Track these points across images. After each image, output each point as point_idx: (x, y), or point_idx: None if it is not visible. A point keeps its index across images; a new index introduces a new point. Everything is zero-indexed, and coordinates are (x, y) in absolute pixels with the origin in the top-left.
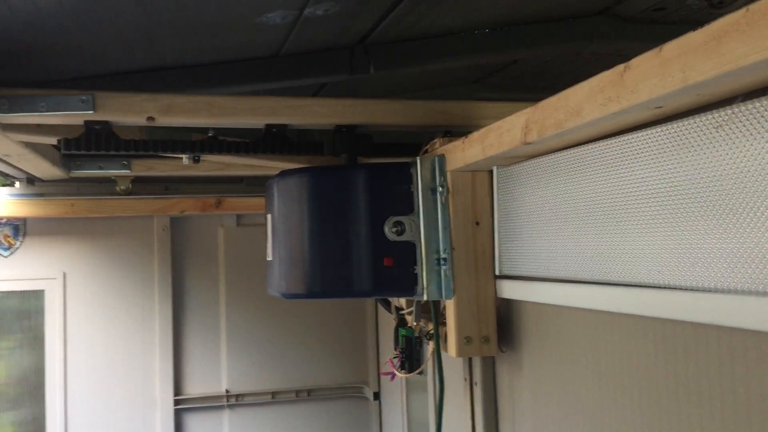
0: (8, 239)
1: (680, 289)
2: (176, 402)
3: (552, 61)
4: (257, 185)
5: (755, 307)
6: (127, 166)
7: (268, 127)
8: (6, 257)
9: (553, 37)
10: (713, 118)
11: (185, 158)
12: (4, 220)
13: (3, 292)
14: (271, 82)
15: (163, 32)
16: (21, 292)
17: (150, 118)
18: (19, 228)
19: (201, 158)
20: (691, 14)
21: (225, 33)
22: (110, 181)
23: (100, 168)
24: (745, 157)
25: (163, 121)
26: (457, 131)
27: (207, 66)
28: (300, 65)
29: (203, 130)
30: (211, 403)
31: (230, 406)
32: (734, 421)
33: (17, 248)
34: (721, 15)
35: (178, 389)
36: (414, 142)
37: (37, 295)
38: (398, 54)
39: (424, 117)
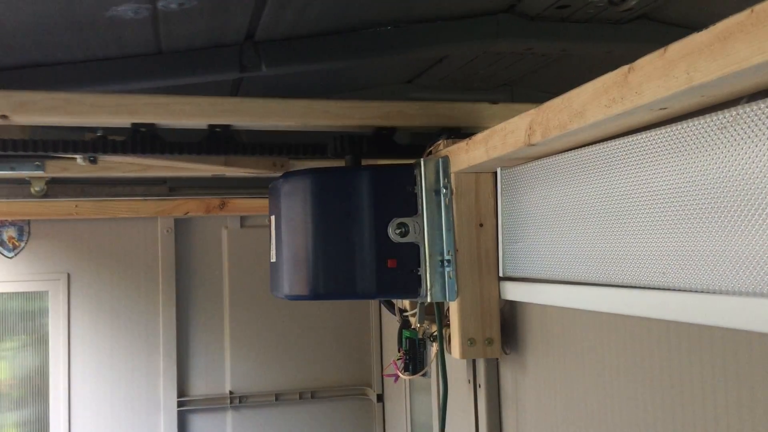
0: (13, 240)
1: (685, 291)
2: (180, 403)
3: (479, 60)
4: (261, 187)
5: (761, 309)
6: (41, 167)
7: (135, 126)
8: (10, 258)
9: (456, 35)
10: (718, 119)
11: (79, 159)
12: (8, 222)
13: (7, 293)
14: (153, 80)
15: (27, 29)
16: (25, 293)
17: (3, 117)
18: (23, 229)
19: (99, 159)
20: (597, 12)
21: (89, 29)
22: (114, 183)
23: (12, 169)
24: (749, 158)
25: (19, 119)
26: (348, 131)
27: (76, 64)
28: (183, 63)
29: (108, 130)
30: (214, 404)
31: (234, 407)
32: (740, 423)
33: (21, 249)
34: (622, 13)
35: (181, 390)
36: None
37: (41, 296)
38: (291, 52)
39: (305, 116)
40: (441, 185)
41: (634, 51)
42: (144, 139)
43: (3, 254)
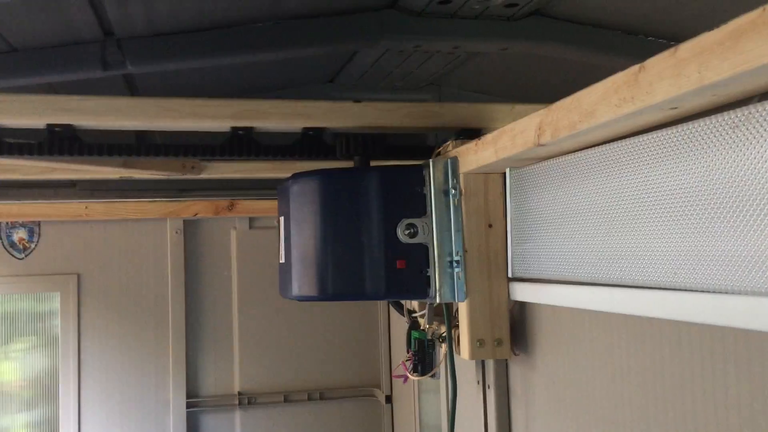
0: (23, 242)
1: (696, 291)
2: (189, 403)
3: (387, 58)
4: (270, 188)
5: None
6: None
7: None
8: (21, 259)
9: (336, 31)
10: (729, 118)
11: None
12: (19, 223)
13: (18, 294)
14: (6, 79)
15: None
16: (35, 294)
17: None
18: (34, 230)
19: None
20: (483, 9)
21: None
22: (123, 184)
23: None
24: (762, 157)
25: None
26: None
27: None
28: (40, 60)
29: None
30: (223, 405)
31: (242, 408)
32: (752, 424)
33: (32, 251)
34: (506, 8)
35: (190, 390)
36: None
37: (52, 297)
38: (156, 49)
39: (158, 115)
40: (450, 186)
41: (530, 48)
42: None
43: (14, 255)
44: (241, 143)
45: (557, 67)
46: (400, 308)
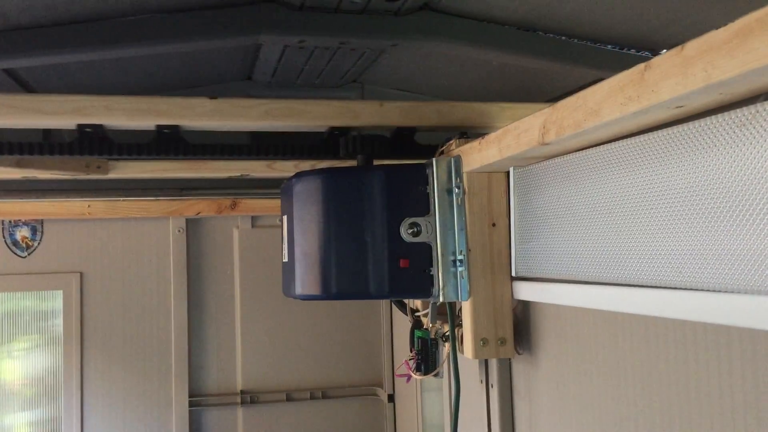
0: (26, 240)
1: (700, 290)
2: (191, 402)
3: (290, 55)
4: (273, 187)
5: None
6: None
7: None
8: (24, 258)
9: (213, 26)
10: (736, 116)
11: None
12: (21, 221)
13: (20, 292)
14: None
15: None
16: (38, 292)
17: None
18: (36, 229)
19: None
20: (366, 3)
21: None
22: (126, 183)
23: None
24: None
25: None
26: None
27: None
28: None
29: None
30: (226, 403)
31: (245, 406)
32: (758, 424)
33: (35, 249)
34: (387, 2)
35: (193, 389)
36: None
37: (54, 296)
38: (25, 42)
39: (57, 113)
40: (453, 185)
41: (420, 44)
42: None
43: (16, 254)
44: (92, 141)
45: (476, 66)
46: (403, 307)
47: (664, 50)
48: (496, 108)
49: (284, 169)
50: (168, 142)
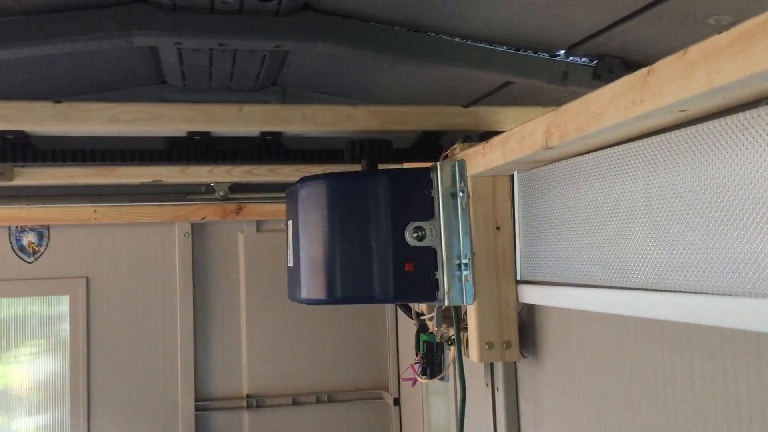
0: (32, 245)
1: (705, 293)
2: (198, 406)
3: (188, 57)
4: (278, 192)
5: None
6: None
7: None
8: (30, 263)
9: (81, 26)
10: (738, 120)
11: None
12: (28, 227)
13: (27, 297)
14: None
15: None
16: (45, 297)
17: None
18: (43, 234)
19: None
20: (239, 3)
21: None
22: (132, 188)
23: None
24: None
25: None
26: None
27: None
28: None
29: None
30: (231, 407)
31: (251, 410)
32: (764, 427)
33: (41, 254)
34: (263, 2)
35: (199, 393)
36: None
37: (61, 301)
38: None
39: None
40: (457, 189)
41: (304, 46)
42: None
43: (23, 259)
44: None
45: (392, 69)
46: (408, 311)
47: (562, 51)
48: (323, 110)
49: (199, 174)
50: (14, 148)
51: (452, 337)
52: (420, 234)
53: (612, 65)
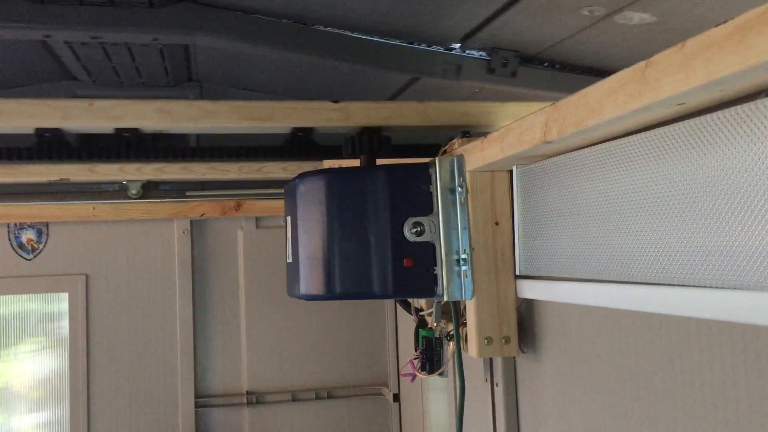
0: (32, 242)
1: (705, 287)
2: (197, 402)
3: (83, 52)
4: (276, 188)
5: None
6: None
7: None
8: (29, 260)
9: None
10: (737, 113)
11: None
12: (27, 224)
13: (26, 294)
14: None
15: None
16: (44, 294)
17: None
18: (42, 231)
19: None
20: None
21: None
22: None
23: None
24: None
25: None
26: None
27: None
28: None
29: None
30: (231, 403)
31: (251, 406)
32: (763, 420)
33: (41, 251)
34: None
35: (199, 389)
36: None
37: (60, 298)
38: None
39: None
40: (456, 184)
41: (183, 39)
42: None
43: (22, 256)
44: None
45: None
46: (407, 306)
47: (458, 44)
48: (184, 105)
49: (109, 173)
50: None
51: (451, 333)
52: (419, 229)
53: (506, 58)
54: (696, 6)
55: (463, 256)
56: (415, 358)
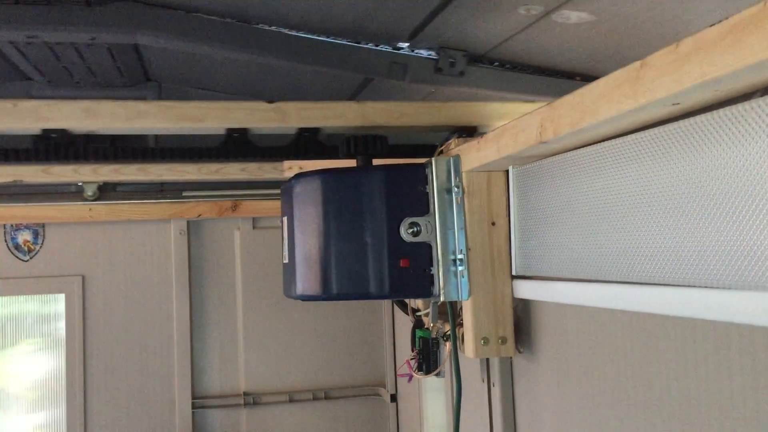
0: (28, 244)
1: (700, 287)
2: (194, 404)
3: (33, 53)
4: (273, 188)
5: None
6: None
7: None
8: (26, 261)
9: None
10: (732, 113)
11: None
12: (23, 225)
13: (23, 296)
14: None
15: None
16: (41, 295)
17: None
18: (38, 232)
19: None
20: None
21: None
22: (126, 186)
23: None
24: (765, 151)
25: None
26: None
27: None
28: None
29: None
30: (228, 404)
31: (248, 407)
32: (757, 419)
33: (37, 252)
34: None
35: (196, 390)
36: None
37: (57, 299)
38: None
39: None
40: (452, 184)
41: (123, 38)
42: None
43: (18, 258)
44: None
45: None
46: (404, 307)
47: (406, 44)
48: (112, 105)
49: (63, 174)
50: None
51: (448, 333)
52: (415, 230)
53: (454, 58)
54: (630, 4)
55: (460, 256)
56: (411, 359)
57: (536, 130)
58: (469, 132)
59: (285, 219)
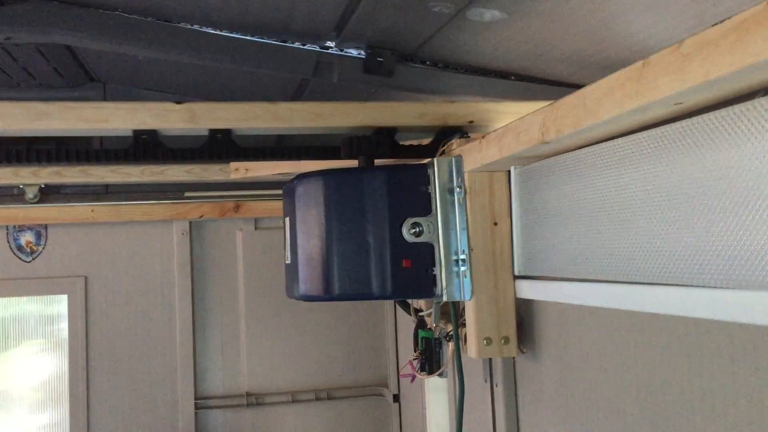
0: (30, 245)
1: (703, 287)
2: (197, 404)
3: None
4: (275, 189)
5: None
6: None
7: None
8: (28, 263)
9: None
10: (734, 112)
11: None
12: (26, 226)
13: (25, 297)
14: None
15: None
16: (43, 297)
17: None
18: (41, 234)
19: None
20: None
21: None
22: (130, 187)
23: None
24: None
25: None
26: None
27: None
28: None
29: None
30: (231, 404)
31: (251, 407)
32: (760, 418)
33: (39, 254)
34: None
35: (198, 391)
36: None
37: (59, 300)
38: None
39: None
40: (454, 184)
41: (38, 37)
42: None
43: (21, 259)
44: None
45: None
46: (406, 307)
47: (333, 44)
48: (11, 106)
49: (2, 176)
50: None
51: (450, 333)
52: (417, 230)
53: (383, 56)
54: (540, 2)
55: (462, 256)
56: (414, 359)
57: (538, 129)
58: (389, 133)
59: (287, 219)
